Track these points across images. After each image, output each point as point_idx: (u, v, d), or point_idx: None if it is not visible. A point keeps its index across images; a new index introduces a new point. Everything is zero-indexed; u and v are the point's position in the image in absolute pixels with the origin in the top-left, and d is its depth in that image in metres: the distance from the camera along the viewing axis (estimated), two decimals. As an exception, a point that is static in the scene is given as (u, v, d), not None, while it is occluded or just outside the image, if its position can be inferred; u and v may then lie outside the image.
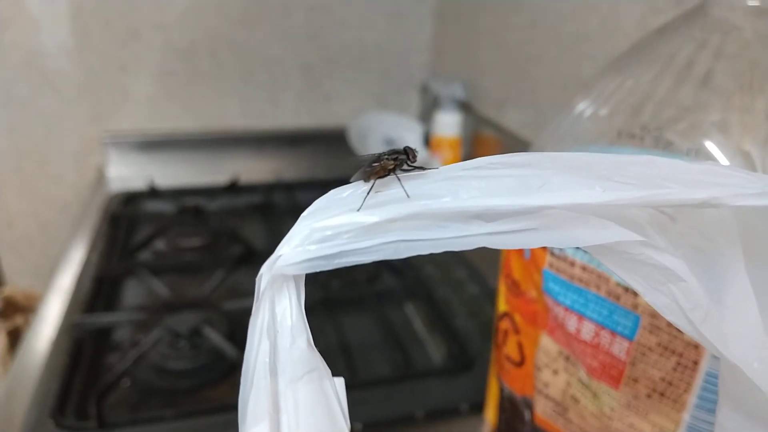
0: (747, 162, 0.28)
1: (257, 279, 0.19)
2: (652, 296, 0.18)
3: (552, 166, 0.17)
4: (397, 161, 0.21)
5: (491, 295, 0.48)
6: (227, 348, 0.62)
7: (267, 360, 0.18)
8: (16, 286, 1.13)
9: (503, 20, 0.93)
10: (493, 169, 0.17)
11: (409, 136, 1.04)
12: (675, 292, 0.17)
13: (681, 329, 0.18)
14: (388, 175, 0.21)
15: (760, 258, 0.19)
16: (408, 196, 0.18)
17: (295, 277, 0.19)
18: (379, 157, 0.21)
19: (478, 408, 0.55)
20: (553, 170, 0.17)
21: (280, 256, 0.18)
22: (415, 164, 0.21)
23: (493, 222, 0.17)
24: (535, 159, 0.18)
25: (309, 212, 0.19)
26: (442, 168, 0.19)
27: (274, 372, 0.18)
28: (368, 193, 0.19)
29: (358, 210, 0.18)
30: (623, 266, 0.18)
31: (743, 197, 0.16)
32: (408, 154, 0.21)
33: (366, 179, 0.21)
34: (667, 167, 0.17)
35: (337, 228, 0.18)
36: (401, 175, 0.20)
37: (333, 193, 0.20)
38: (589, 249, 0.18)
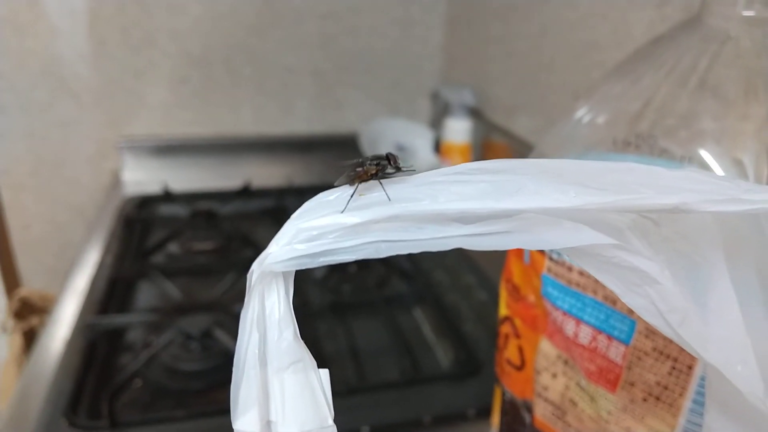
0: (740, 170, 0.28)
1: (248, 275, 0.20)
2: (629, 298, 0.18)
3: (530, 172, 0.18)
4: (379, 166, 0.22)
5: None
6: (237, 350, 0.63)
7: (256, 351, 0.19)
8: (32, 287, 1.15)
9: (514, 28, 0.94)
10: (472, 174, 0.18)
11: (420, 142, 1.05)
12: (651, 295, 0.18)
13: (660, 330, 0.18)
14: (372, 179, 0.21)
15: (741, 262, 0.19)
16: (389, 199, 0.19)
17: (284, 274, 0.20)
18: (362, 162, 0.22)
19: (485, 413, 0.55)
20: (530, 176, 0.17)
21: (269, 254, 0.19)
22: (396, 169, 0.22)
23: (470, 224, 0.18)
24: (514, 165, 0.18)
25: (298, 213, 0.20)
26: (423, 173, 0.20)
27: (263, 362, 0.19)
28: (352, 196, 0.20)
29: (342, 212, 0.19)
30: (599, 268, 0.18)
31: (712, 203, 0.16)
32: (390, 159, 0.22)
33: (351, 183, 0.22)
34: (645, 174, 0.17)
35: (322, 228, 0.19)
36: (383, 179, 0.21)
37: (321, 196, 0.21)
38: (565, 251, 0.18)
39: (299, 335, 0.20)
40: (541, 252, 0.37)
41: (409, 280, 0.82)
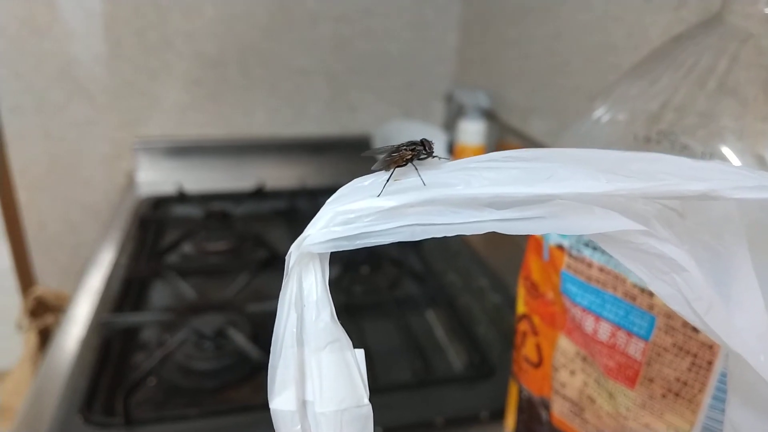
0: (761, 166, 0.28)
1: (287, 256, 0.20)
2: (656, 285, 0.19)
3: (561, 159, 0.18)
4: (414, 151, 0.22)
5: (513, 304, 0.49)
6: (251, 349, 0.63)
7: (294, 330, 0.20)
8: (47, 286, 1.15)
9: (528, 31, 0.94)
10: (505, 161, 0.19)
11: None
12: (678, 282, 0.18)
13: (686, 318, 0.19)
14: (406, 164, 0.22)
15: (765, 254, 0.20)
16: (424, 183, 0.20)
17: (321, 256, 0.20)
18: (398, 148, 0.23)
19: (498, 415, 0.55)
20: (561, 163, 0.18)
21: (308, 236, 0.19)
22: (430, 155, 0.23)
23: (503, 210, 0.18)
24: (545, 153, 0.19)
25: (334, 198, 0.20)
26: (456, 160, 0.20)
27: (300, 342, 0.20)
28: (387, 181, 0.20)
29: (379, 195, 0.19)
30: (628, 255, 0.18)
31: (741, 190, 0.16)
32: (425, 145, 0.23)
33: (386, 168, 0.22)
34: (672, 163, 0.18)
35: (359, 212, 0.19)
36: (418, 164, 0.22)
37: (356, 182, 0.21)
38: (595, 238, 0.19)
39: (336, 316, 0.20)
40: (560, 248, 0.37)
41: (422, 282, 0.82)
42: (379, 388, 0.61)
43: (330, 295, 0.20)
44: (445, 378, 0.64)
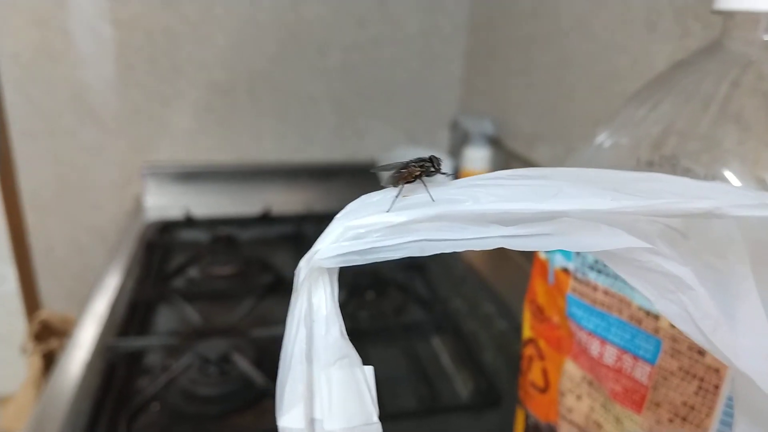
0: (763, 189, 0.28)
1: (296, 271, 0.20)
2: (662, 304, 0.19)
3: (567, 178, 0.18)
4: (423, 168, 0.23)
5: (520, 330, 0.49)
6: (255, 375, 0.63)
7: (303, 347, 0.20)
8: (53, 310, 1.16)
9: (533, 60, 0.95)
10: (512, 179, 0.19)
11: (439, 170, 1.06)
12: (685, 301, 0.18)
13: (692, 338, 0.19)
14: (415, 180, 0.22)
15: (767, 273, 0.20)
16: (432, 199, 0.20)
17: (330, 271, 0.20)
18: (407, 164, 0.23)
19: (505, 444, 0.55)
20: (568, 181, 0.18)
21: (318, 250, 0.20)
22: (439, 171, 0.23)
23: (510, 226, 0.18)
24: (551, 172, 0.19)
25: (343, 213, 0.21)
26: (463, 178, 0.20)
27: (309, 358, 0.20)
28: (397, 196, 0.21)
29: (388, 211, 0.20)
30: (634, 274, 0.19)
31: (743, 208, 0.17)
32: (433, 162, 0.23)
33: (395, 184, 0.22)
34: (675, 183, 0.18)
35: (368, 227, 0.19)
36: (427, 180, 0.22)
37: (364, 197, 0.21)
38: (601, 256, 0.19)
39: (345, 332, 0.20)
40: (565, 272, 0.38)
41: (427, 308, 0.82)
42: (384, 415, 0.59)
43: (340, 311, 0.20)
44: (452, 406, 0.63)
